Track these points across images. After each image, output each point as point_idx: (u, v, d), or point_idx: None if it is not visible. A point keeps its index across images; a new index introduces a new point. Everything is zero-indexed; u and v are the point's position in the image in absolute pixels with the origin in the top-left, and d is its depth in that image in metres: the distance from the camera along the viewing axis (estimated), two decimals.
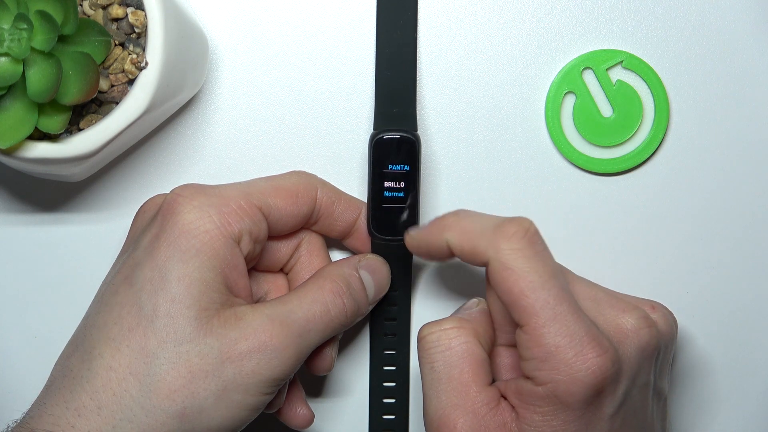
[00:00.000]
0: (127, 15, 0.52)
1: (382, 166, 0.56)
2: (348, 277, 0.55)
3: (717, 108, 0.59)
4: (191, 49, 0.55)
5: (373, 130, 0.57)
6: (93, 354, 0.50)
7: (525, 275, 0.50)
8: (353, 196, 0.58)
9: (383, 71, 0.58)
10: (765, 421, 0.61)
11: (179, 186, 0.53)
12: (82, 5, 0.53)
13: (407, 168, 0.56)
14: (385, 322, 0.59)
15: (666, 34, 0.59)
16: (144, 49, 0.52)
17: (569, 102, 0.59)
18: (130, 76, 0.52)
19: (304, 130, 0.59)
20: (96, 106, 0.53)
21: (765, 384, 0.60)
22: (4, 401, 0.60)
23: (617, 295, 0.54)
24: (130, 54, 0.52)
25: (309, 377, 0.59)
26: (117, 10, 0.52)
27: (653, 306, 0.54)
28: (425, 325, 0.53)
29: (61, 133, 0.52)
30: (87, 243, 0.60)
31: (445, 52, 0.59)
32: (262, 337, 0.51)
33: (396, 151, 0.56)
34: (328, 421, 0.61)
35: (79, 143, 0.52)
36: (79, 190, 0.60)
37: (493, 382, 0.53)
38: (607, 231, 0.60)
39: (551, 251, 0.53)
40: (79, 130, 0.52)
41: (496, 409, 0.51)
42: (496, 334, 0.54)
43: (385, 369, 0.60)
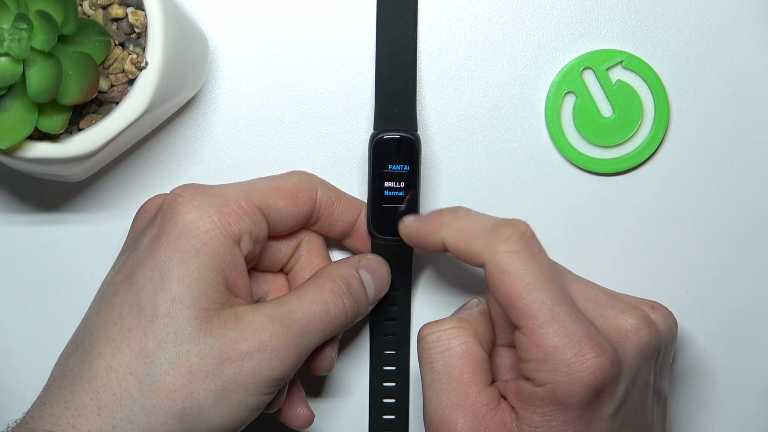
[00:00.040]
0: (127, 15, 0.52)
1: (382, 166, 0.56)
2: (348, 277, 0.55)
3: (717, 108, 0.59)
4: (191, 49, 0.55)
5: (373, 130, 0.57)
6: (93, 354, 0.50)
7: (522, 277, 0.50)
8: (353, 196, 0.58)
9: (383, 71, 0.58)
10: (765, 421, 0.61)
11: (179, 186, 0.53)
12: (82, 5, 0.53)
13: (407, 168, 0.56)
14: (385, 322, 0.59)
15: (666, 34, 0.59)
16: (144, 49, 0.52)
17: (569, 102, 0.59)
18: (130, 76, 0.52)
19: (304, 130, 0.59)
20: (96, 106, 0.53)
21: (765, 384, 0.60)
22: (4, 401, 0.60)
23: (617, 295, 0.54)
24: (130, 54, 0.52)
25: (309, 377, 0.59)
26: (117, 10, 0.52)
27: (653, 306, 0.54)
28: (425, 326, 0.53)
29: (61, 133, 0.52)
30: (87, 243, 0.60)
31: (445, 52, 0.59)
32: (262, 337, 0.51)
33: (396, 151, 0.56)
34: (328, 421, 0.61)
35: (79, 143, 0.52)
36: (79, 190, 0.60)
37: (493, 383, 0.53)
38: (607, 231, 0.60)
39: (551, 251, 0.53)
40: (79, 130, 0.52)
41: (496, 410, 0.51)
42: (496, 335, 0.54)
43: (385, 369, 0.60)
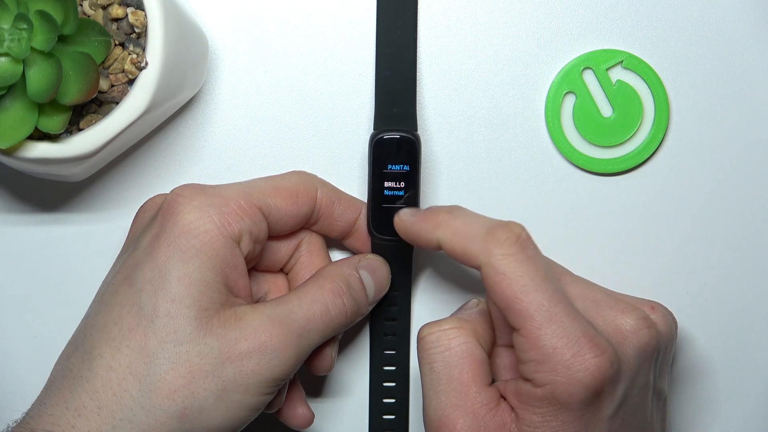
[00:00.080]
0: (127, 15, 0.52)
1: (382, 166, 0.56)
2: (348, 277, 0.55)
3: (717, 108, 0.59)
4: (191, 49, 0.55)
5: (373, 130, 0.57)
6: (93, 354, 0.50)
7: (518, 279, 0.50)
8: (353, 196, 0.58)
9: (383, 71, 0.58)
10: (765, 421, 0.61)
11: (179, 186, 0.53)
12: (82, 5, 0.53)
13: (407, 168, 0.56)
14: (385, 322, 0.59)
15: (666, 34, 0.59)
16: (144, 49, 0.52)
17: (569, 102, 0.59)
18: (130, 76, 0.52)
19: (304, 130, 0.59)
20: (96, 106, 0.53)
21: (765, 384, 0.60)
22: (4, 401, 0.60)
23: (616, 295, 0.54)
24: (130, 54, 0.52)
25: (309, 377, 0.59)
26: (117, 10, 0.52)
27: (653, 306, 0.54)
28: (425, 326, 0.53)
29: (61, 133, 0.52)
30: (87, 243, 0.60)
31: (445, 52, 0.59)
32: (262, 337, 0.51)
33: (396, 151, 0.56)
34: (328, 421, 0.61)
35: (79, 143, 0.52)
36: (79, 190, 0.60)
37: (492, 383, 0.53)
38: (607, 231, 0.60)
39: (551, 251, 0.53)
40: (79, 130, 0.52)
41: (496, 410, 0.51)
42: (495, 335, 0.54)
43: (385, 369, 0.60)
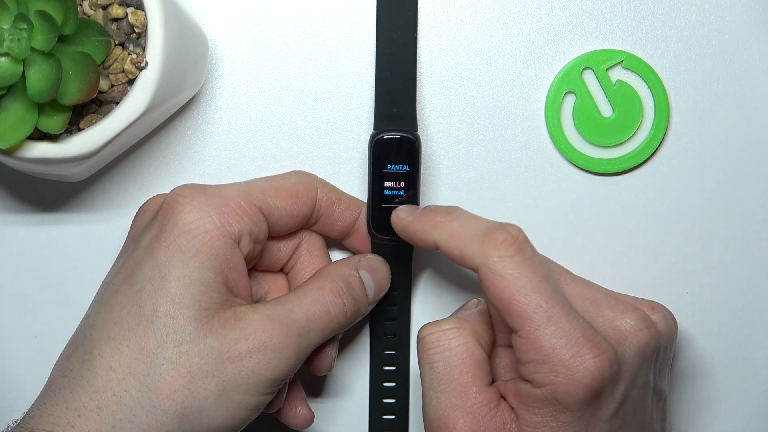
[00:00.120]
0: (127, 15, 0.52)
1: (382, 166, 0.56)
2: (348, 277, 0.55)
3: (717, 108, 0.59)
4: (191, 49, 0.55)
5: (373, 130, 0.57)
6: (93, 354, 0.50)
7: (515, 281, 0.50)
8: (353, 196, 0.58)
9: (383, 71, 0.58)
10: (765, 421, 0.61)
11: (179, 186, 0.53)
12: (82, 5, 0.53)
13: (407, 168, 0.56)
14: (385, 322, 0.59)
15: (666, 34, 0.59)
16: (144, 49, 0.52)
17: (569, 102, 0.59)
18: (130, 76, 0.52)
19: (304, 130, 0.59)
20: (96, 106, 0.53)
21: (765, 384, 0.60)
22: (4, 401, 0.60)
23: (616, 295, 0.54)
24: (130, 54, 0.52)
25: (309, 377, 0.59)
26: (117, 10, 0.52)
27: (653, 306, 0.54)
28: (425, 326, 0.53)
29: (61, 133, 0.52)
30: (87, 243, 0.59)
31: (445, 52, 0.59)
32: (262, 337, 0.51)
33: (396, 151, 0.56)
34: (328, 421, 0.61)
35: (79, 143, 0.52)
36: (79, 190, 0.60)
37: (492, 383, 0.53)
38: (607, 231, 0.60)
39: (551, 251, 0.53)
40: (79, 130, 0.52)
41: (496, 410, 0.51)
42: (495, 335, 0.54)
43: (385, 369, 0.60)
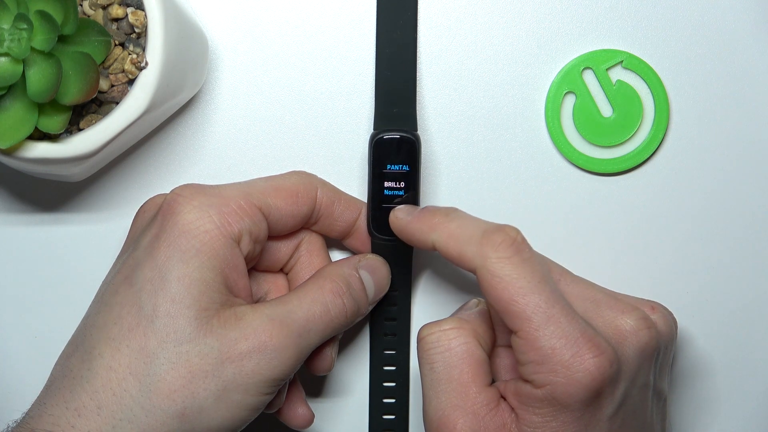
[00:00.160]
0: (127, 15, 0.52)
1: (382, 166, 0.56)
2: (348, 277, 0.55)
3: (717, 108, 0.59)
4: (191, 49, 0.55)
5: (373, 130, 0.57)
6: (93, 354, 0.50)
7: (514, 282, 0.50)
8: (353, 196, 0.58)
9: (383, 71, 0.58)
10: (765, 421, 0.61)
11: (179, 186, 0.53)
12: (82, 5, 0.53)
13: (407, 168, 0.56)
14: (385, 322, 0.59)
15: (666, 34, 0.59)
16: (144, 49, 0.52)
17: (569, 102, 0.59)
18: (130, 76, 0.52)
19: (304, 130, 0.59)
20: (96, 106, 0.53)
21: (765, 384, 0.60)
22: (4, 401, 0.60)
23: (616, 295, 0.54)
24: (130, 54, 0.52)
25: (309, 377, 0.59)
26: (117, 10, 0.52)
27: (653, 306, 0.54)
28: (425, 326, 0.53)
29: (61, 133, 0.52)
30: (87, 243, 0.59)
31: (445, 52, 0.59)
32: (262, 337, 0.51)
33: (396, 151, 0.56)
34: (328, 421, 0.61)
35: (79, 143, 0.52)
36: (79, 190, 0.60)
37: (492, 383, 0.53)
38: (607, 231, 0.60)
39: (551, 251, 0.53)
40: (79, 130, 0.52)
41: (496, 410, 0.51)
42: (495, 335, 0.54)
43: (385, 369, 0.60)
